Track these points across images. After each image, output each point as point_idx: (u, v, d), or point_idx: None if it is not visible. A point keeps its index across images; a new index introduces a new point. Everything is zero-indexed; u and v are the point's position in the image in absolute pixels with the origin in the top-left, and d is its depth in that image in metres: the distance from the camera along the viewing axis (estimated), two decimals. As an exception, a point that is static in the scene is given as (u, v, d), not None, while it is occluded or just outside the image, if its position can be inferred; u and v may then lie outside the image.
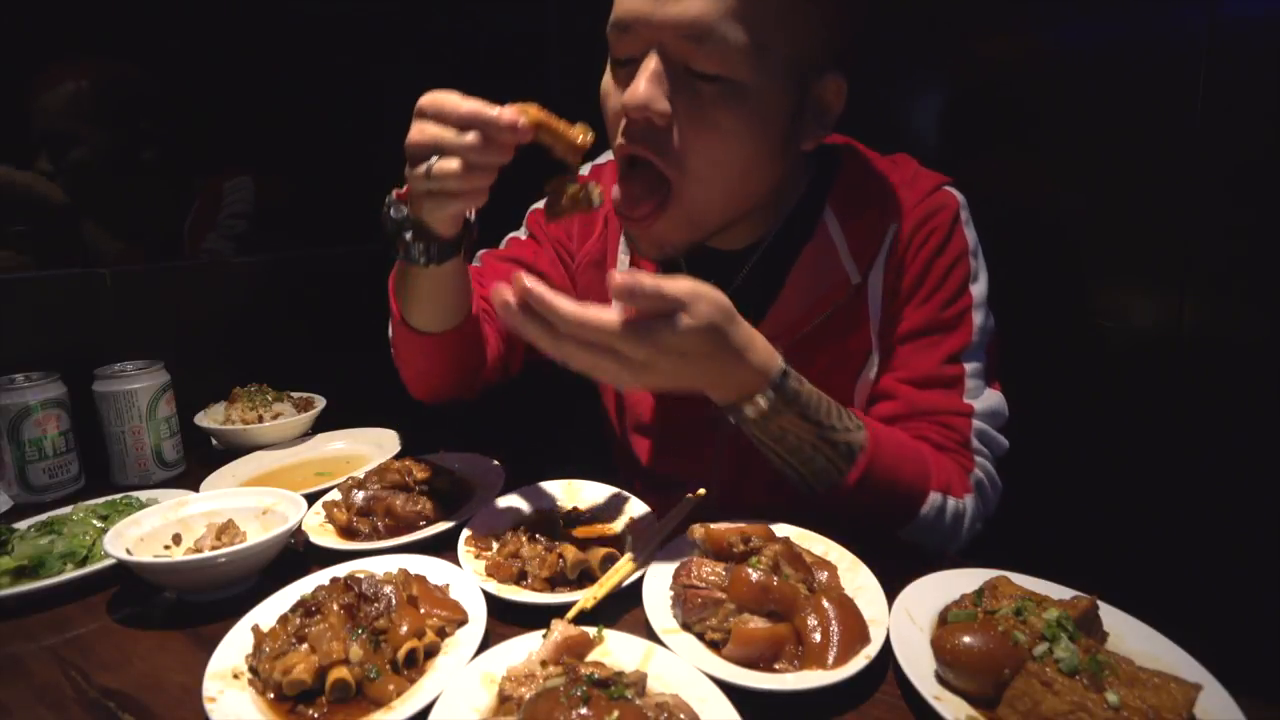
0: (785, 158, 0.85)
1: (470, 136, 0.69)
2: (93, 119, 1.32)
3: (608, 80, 0.84)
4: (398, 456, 1.00)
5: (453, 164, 0.70)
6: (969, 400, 0.87)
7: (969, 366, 0.88)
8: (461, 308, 0.91)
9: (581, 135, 0.75)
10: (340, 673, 0.58)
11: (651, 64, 0.76)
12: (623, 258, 1.03)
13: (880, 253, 0.89)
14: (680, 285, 0.67)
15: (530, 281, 0.66)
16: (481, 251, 1.14)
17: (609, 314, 0.67)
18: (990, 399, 0.89)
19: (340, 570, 0.72)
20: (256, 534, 0.82)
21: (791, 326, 0.89)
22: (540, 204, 1.13)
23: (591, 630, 0.62)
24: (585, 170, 1.12)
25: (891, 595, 0.67)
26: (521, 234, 1.14)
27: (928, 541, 0.83)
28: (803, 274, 0.90)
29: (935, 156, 0.96)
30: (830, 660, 0.59)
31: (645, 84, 0.76)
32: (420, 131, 0.72)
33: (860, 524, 0.82)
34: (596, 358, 0.68)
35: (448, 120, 0.70)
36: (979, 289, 0.89)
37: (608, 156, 1.10)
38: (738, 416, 0.76)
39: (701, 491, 0.88)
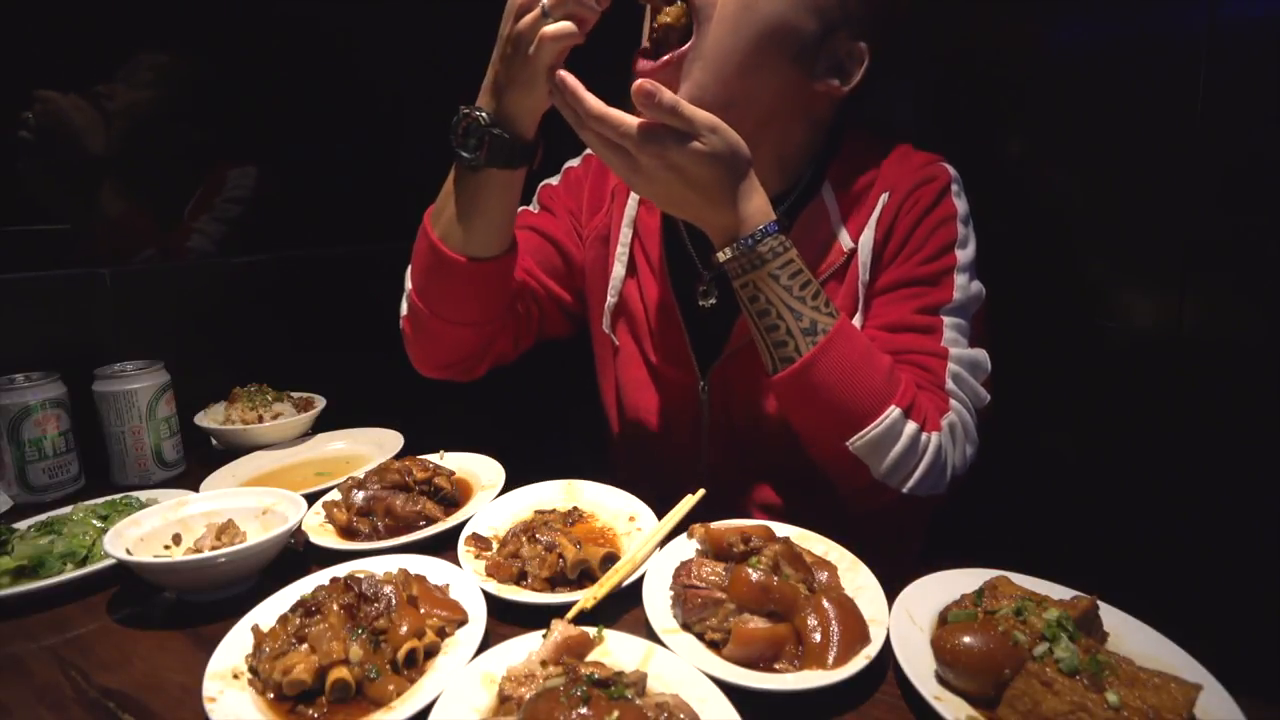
0: (794, 70, 0.87)
1: None
2: (164, 86, 1.37)
3: None
4: (398, 456, 1.00)
5: None
6: (945, 345, 0.87)
7: (947, 320, 0.88)
8: (510, 232, 0.93)
9: None
10: (340, 673, 0.58)
11: None
12: (625, 230, 1.05)
13: (871, 219, 0.91)
14: (700, 114, 0.75)
15: (568, 76, 0.76)
16: None
17: (629, 117, 0.75)
18: (971, 352, 0.88)
19: (340, 570, 0.72)
20: (256, 534, 0.82)
21: None
22: (553, 179, 1.15)
23: (591, 630, 0.62)
24: (575, 163, 1.15)
25: (891, 595, 0.67)
26: (534, 207, 1.15)
27: (877, 461, 0.80)
28: (797, 241, 0.90)
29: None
30: (830, 660, 0.59)
31: None
32: None
33: (808, 422, 0.84)
34: (611, 152, 0.77)
35: None
36: (965, 254, 0.90)
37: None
38: (719, 260, 0.82)
39: (701, 492, 0.89)
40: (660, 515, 0.83)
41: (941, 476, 0.83)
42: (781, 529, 0.76)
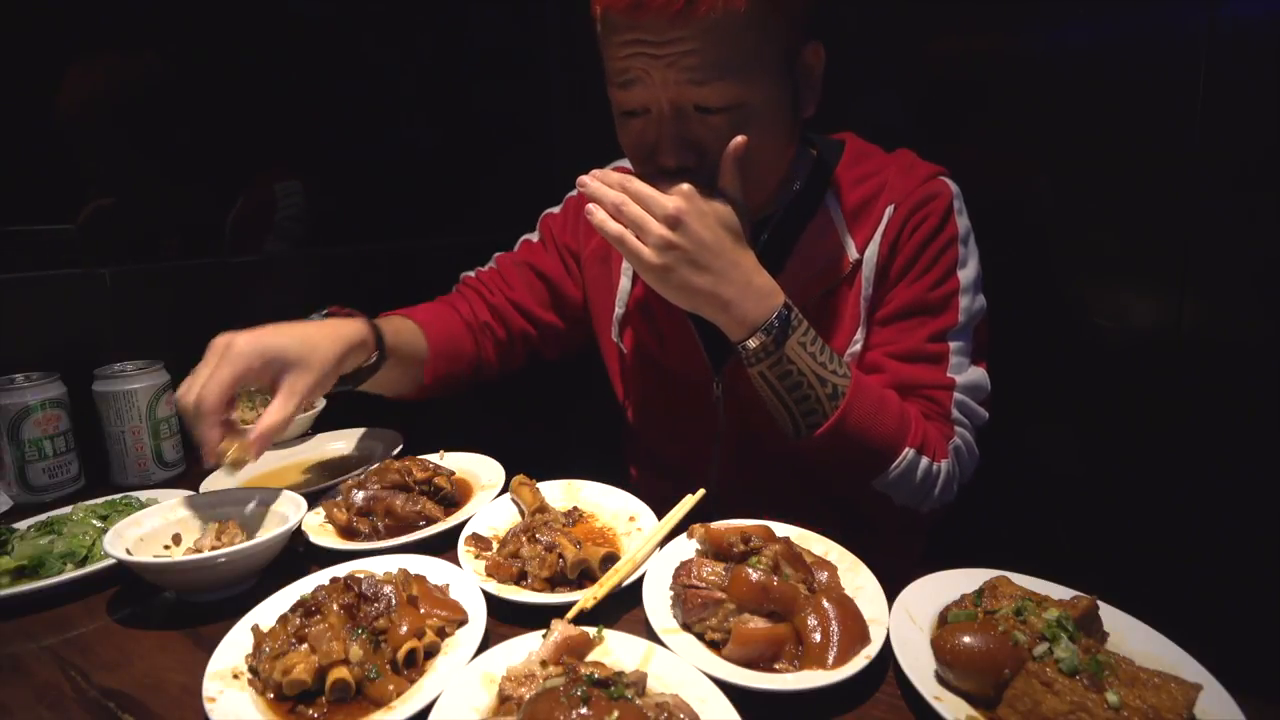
0: (796, 136, 0.93)
1: None
2: (110, 113, 1.31)
3: (622, 133, 0.90)
4: (398, 456, 1.00)
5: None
6: (951, 374, 0.91)
7: (953, 345, 0.91)
8: (414, 378, 1.08)
9: None
10: (340, 673, 0.58)
11: (667, 129, 0.83)
12: None
13: (876, 231, 0.93)
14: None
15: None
16: (497, 254, 1.21)
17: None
18: (973, 374, 0.92)
19: (340, 570, 0.72)
20: (256, 534, 0.82)
21: (793, 299, 0.91)
22: (555, 209, 1.20)
23: (591, 630, 0.62)
24: (574, 193, 1.19)
25: (891, 595, 0.67)
26: (534, 236, 1.21)
27: (899, 495, 0.86)
28: (805, 251, 0.95)
29: (933, 158, 0.97)
30: (830, 660, 0.59)
31: (672, 151, 0.84)
32: None
33: (837, 473, 0.87)
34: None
35: None
36: (967, 274, 0.92)
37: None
38: (747, 351, 0.82)
39: (701, 491, 0.89)
40: (660, 517, 0.83)
41: (950, 492, 0.90)
42: (781, 529, 0.76)
